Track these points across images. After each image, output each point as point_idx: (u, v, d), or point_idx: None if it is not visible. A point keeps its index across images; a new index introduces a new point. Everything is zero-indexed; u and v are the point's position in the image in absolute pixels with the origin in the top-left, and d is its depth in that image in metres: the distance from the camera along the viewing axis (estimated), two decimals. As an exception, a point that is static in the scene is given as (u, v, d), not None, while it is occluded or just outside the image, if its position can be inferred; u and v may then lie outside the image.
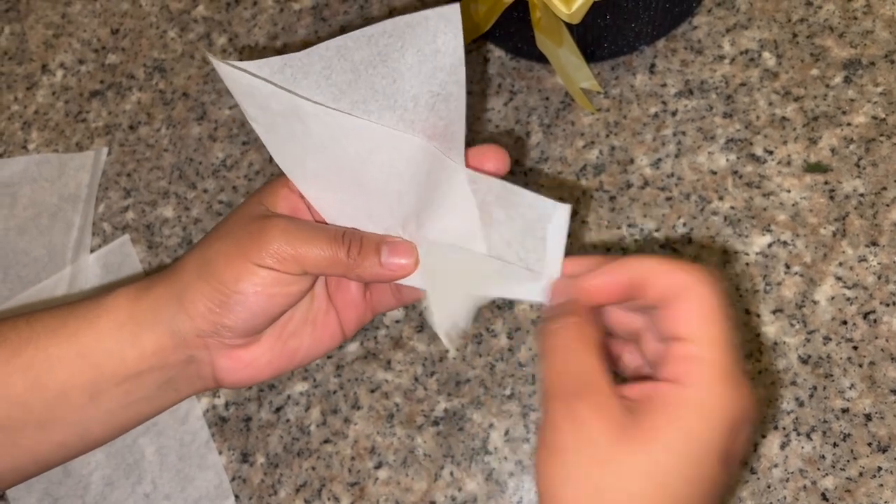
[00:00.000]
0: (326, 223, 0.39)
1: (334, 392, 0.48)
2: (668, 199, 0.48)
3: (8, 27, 0.62)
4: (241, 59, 0.57)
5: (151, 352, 0.37)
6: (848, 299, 0.44)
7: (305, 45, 0.56)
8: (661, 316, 0.31)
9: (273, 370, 0.40)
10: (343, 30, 0.56)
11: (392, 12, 0.56)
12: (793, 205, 0.46)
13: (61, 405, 0.37)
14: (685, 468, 0.29)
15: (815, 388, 0.43)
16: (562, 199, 0.49)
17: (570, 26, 0.46)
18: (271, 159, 0.54)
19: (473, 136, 0.51)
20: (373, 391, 0.47)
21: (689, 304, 0.30)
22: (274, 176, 0.43)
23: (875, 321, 0.43)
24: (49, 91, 0.59)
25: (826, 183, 0.46)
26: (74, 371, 0.37)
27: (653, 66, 0.51)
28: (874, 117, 0.47)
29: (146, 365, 0.37)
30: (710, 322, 0.30)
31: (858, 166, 0.46)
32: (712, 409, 0.29)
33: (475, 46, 0.54)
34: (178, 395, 0.40)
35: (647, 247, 0.47)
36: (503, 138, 0.51)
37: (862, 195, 0.46)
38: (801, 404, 0.43)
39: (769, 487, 0.41)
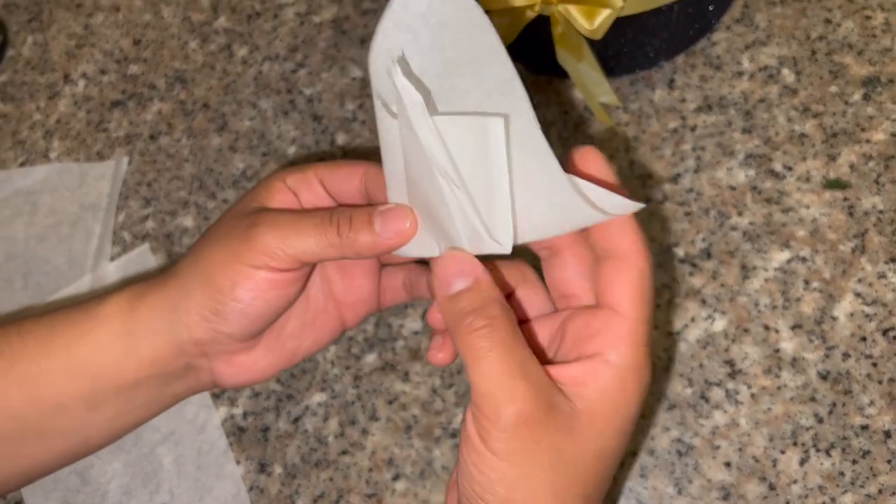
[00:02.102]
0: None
1: (352, 403, 0.48)
2: (688, 214, 0.48)
3: (31, 37, 0.62)
4: (261, 72, 0.57)
5: (150, 361, 0.37)
6: (867, 316, 0.44)
7: (326, 57, 0.57)
8: (600, 271, 0.32)
9: (274, 371, 0.40)
10: (363, 42, 0.57)
11: (412, 26, 0.56)
12: (812, 221, 0.46)
13: (60, 416, 0.37)
14: (620, 440, 0.32)
15: (834, 404, 0.43)
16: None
17: (590, 41, 0.47)
18: (291, 170, 0.54)
19: (492, 150, 0.52)
20: (391, 402, 0.47)
21: (630, 275, 0.31)
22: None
23: (894, 338, 0.43)
24: (71, 100, 0.59)
25: (845, 199, 0.47)
26: (71, 383, 0.37)
27: (672, 81, 0.51)
28: (893, 134, 0.47)
29: (144, 374, 0.37)
30: (645, 302, 0.31)
31: (878, 183, 0.47)
32: (639, 387, 0.31)
33: (494, 60, 0.54)
34: (176, 398, 0.40)
35: (667, 261, 0.47)
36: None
37: (881, 212, 0.46)
38: (820, 420, 0.43)
39: (788, 504, 0.41)
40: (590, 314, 0.32)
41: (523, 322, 0.36)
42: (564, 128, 0.51)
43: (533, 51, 0.51)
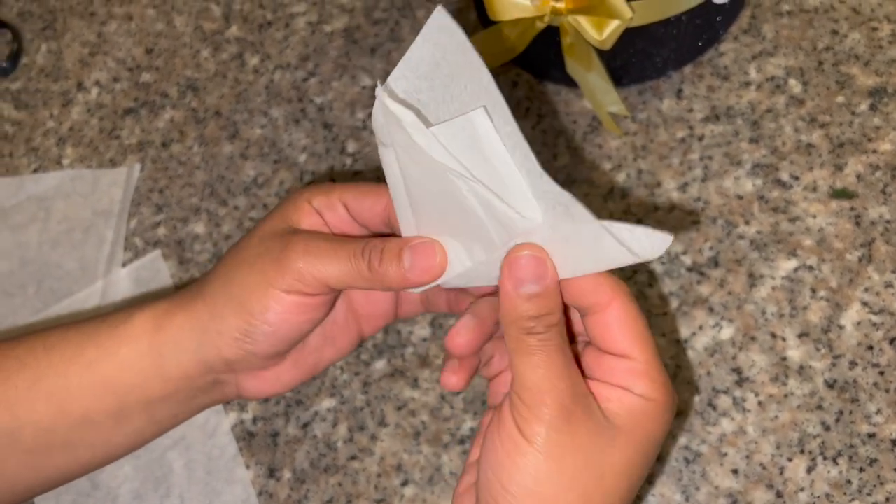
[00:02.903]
0: (348, 235, 0.39)
1: (361, 409, 0.48)
2: (695, 222, 0.48)
3: (45, 45, 0.63)
4: (272, 80, 0.58)
5: (177, 378, 0.38)
6: (874, 325, 0.44)
7: (336, 66, 0.58)
8: (591, 324, 0.33)
9: (296, 383, 0.41)
10: (373, 52, 0.57)
11: (422, 35, 0.57)
12: (819, 230, 0.47)
13: (87, 429, 0.38)
14: (644, 463, 0.33)
15: (841, 412, 0.43)
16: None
17: (599, 51, 0.47)
18: (301, 177, 0.55)
19: (501, 158, 0.52)
20: (399, 409, 0.48)
21: (620, 319, 0.32)
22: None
23: (901, 347, 0.43)
24: (84, 108, 0.60)
25: (852, 209, 0.47)
26: (98, 399, 0.38)
27: (680, 91, 0.52)
28: (900, 145, 0.48)
29: (171, 389, 0.38)
30: (645, 339, 0.32)
31: (884, 193, 0.47)
32: (665, 419, 0.33)
33: (504, 70, 0.55)
34: (200, 409, 0.41)
35: (675, 270, 0.47)
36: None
37: (888, 221, 0.46)
38: (827, 428, 0.43)
39: (795, 511, 0.42)
40: (605, 356, 0.33)
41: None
42: (573, 137, 0.52)
43: (542, 61, 0.52)
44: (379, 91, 0.31)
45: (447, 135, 0.30)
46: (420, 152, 0.31)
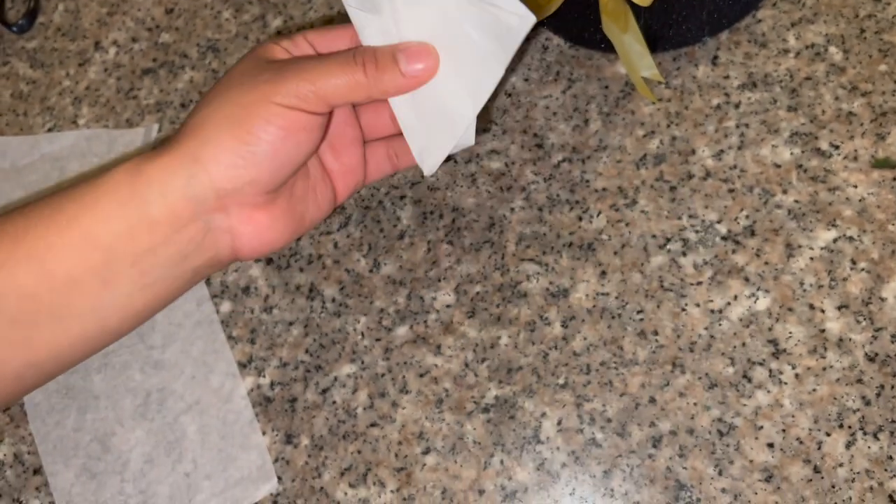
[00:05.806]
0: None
1: (382, 375, 0.47)
2: (731, 191, 0.47)
3: (62, 4, 0.62)
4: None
5: (164, 222, 0.35)
6: (917, 298, 0.43)
7: (361, 28, 0.56)
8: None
9: (288, 236, 0.40)
10: (399, 15, 0.56)
11: (449, -1, 0.55)
12: (859, 200, 0.45)
13: (73, 293, 0.35)
14: None
15: (882, 386, 0.41)
16: (620, 188, 0.48)
17: (636, 14, 0.45)
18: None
19: (530, 123, 0.51)
20: (421, 376, 0.46)
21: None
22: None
23: (946, 320, 0.42)
24: (101, 68, 0.59)
25: (895, 179, 0.45)
26: (81, 256, 0.35)
27: (716, 57, 0.50)
28: (945, 115, 0.46)
29: (160, 237, 0.35)
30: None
31: (928, 163, 0.45)
32: None
33: (533, 34, 0.53)
34: (195, 274, 0.38)
35: (709, 238, 0.46)
36: (560, 125, 0.50)
37: (932, 192, 0.45)
38: (867, 403, 0.41)
39: (833, 487, 0.40)
40: None
41: None
42: (605, 102, 0.50)
43: (576, 22, 0.50)
44: None
45: None
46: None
